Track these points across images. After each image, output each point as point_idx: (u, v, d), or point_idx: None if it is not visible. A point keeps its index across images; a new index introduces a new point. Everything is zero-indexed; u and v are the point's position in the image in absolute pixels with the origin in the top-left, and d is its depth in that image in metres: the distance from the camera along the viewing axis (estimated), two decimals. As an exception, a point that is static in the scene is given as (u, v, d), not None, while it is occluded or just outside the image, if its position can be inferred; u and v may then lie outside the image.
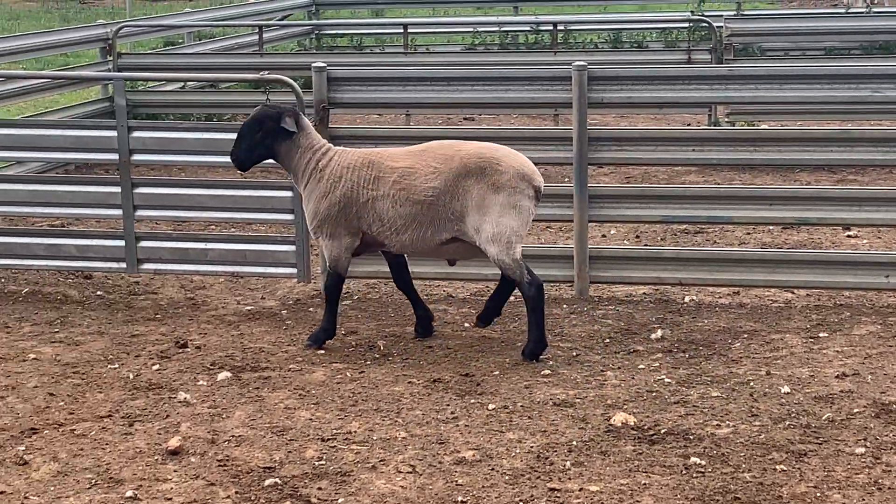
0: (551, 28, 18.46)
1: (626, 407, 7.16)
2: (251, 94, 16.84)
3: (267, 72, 13.54)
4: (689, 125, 15.62)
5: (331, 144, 8.48)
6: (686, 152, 9.43)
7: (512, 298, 8.68)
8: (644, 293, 9.54)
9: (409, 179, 8.14)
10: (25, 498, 6.12)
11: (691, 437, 6.72)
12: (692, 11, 19.43)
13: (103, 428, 6.98)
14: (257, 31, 18.55)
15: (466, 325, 8.78)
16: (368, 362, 8.08)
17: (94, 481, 6.30)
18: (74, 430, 6.96)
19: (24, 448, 6.70)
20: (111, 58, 16.22)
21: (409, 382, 7.65)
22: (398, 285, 8.70)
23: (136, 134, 9.80)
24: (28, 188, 10.24)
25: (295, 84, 9.42)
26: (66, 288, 9.97)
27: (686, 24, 18.18)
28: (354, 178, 8.21)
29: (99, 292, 9.84)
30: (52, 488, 6.23)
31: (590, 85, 9.27)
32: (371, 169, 8.21)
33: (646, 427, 6.87)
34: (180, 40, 20.20)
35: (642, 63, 15.85)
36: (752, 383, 7.54)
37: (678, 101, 9.73)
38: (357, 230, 8.27)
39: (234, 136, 9.49)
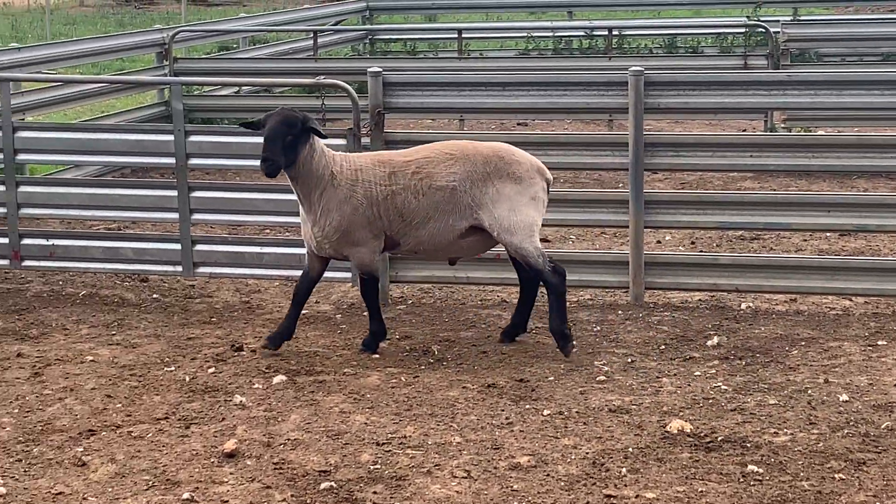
0: (605, 33, 18.42)
1: (682, 414, 7.12)
2: (305, 99, 16.89)
3: (323, 76, 13.58)
4: (744, 131, 15.53)
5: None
6: (743, 158, 9.37)
7: (586, 298, 8.63)
8: (700, 300, 9.48)
9: (429, 167, 8.17)
10: (84, 499, 6.17)
11: (748, 445, 6.67)
12: (748, 16, 19.32)
13: (160, 430, 7.02)
14: (311, 36, 18.63)
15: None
16: (423, 367, 8.08)
17: (151, 483, 6.33)
18: (132, 431, 7.00)
19: (82, 449, 6.75)
20: (167, 62, 16.35)
21: (464, 387, 7.64)
22: (298, 294, 8.45)
23: (192, 138, 9.85)
24: (86, 191, 10.34)
25: (351, 89, 9.44)
26: (123, 291, 10.04)
27: (742, 29, 18.09)
28: (370, 178, 8.15)
29: (155, 295, 9.91)
30: (110, 489, 6.27)
31: (646, 90, 9.23)
32: (384, 166, 8.19)
33: (702, 434, 6.82)
34: (235, 45, 20.31)
35: (698, 68, 15.78)
36: (810, 391, 7.48)
37: (736, 106, 9.68)
38: (380, 231, 8.20)
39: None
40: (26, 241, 10.31)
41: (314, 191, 8.12)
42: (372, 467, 6.47)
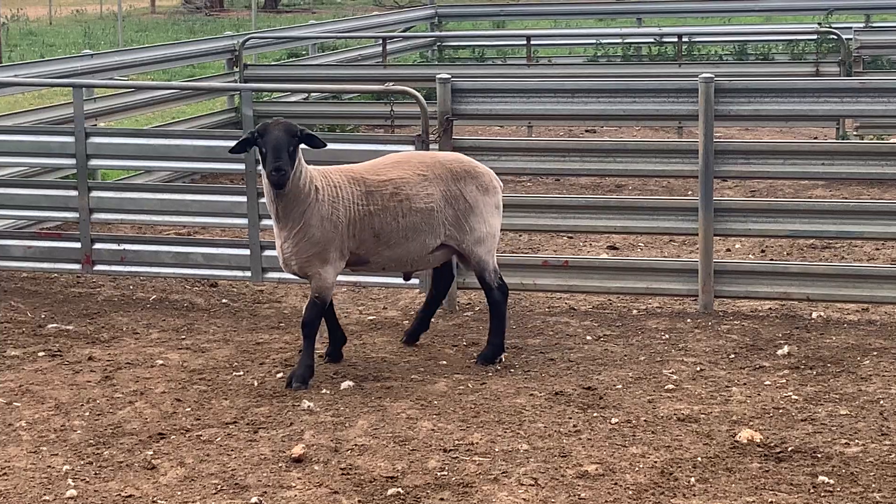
0: (675, 40, 18.33)
1: (752, 423, 7.05)
2: (374, 105, 16.97)
3: (392, 83, 13.62)
4: (815, 139, 15.38)
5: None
6: (815, 166, 9.28)
7: (655, 306, 8.57)
8: (770, 308, 9.40)
9: (407, 189, 8.10)
10: (153, 502, 6.21)
11: (819, 456, 6.60)
12: (820, 23, 19.15)
13: (229, 434, 7.06)
14: (380, 42, 18.69)
15: (588, 337, 8.73)
16: (490, 374, 8.06)
17: (219, 487, 6.37)
18: (201, 435, 7.05)
19: (152, 452, 6.81)
20: (237, 69, 16.47)
21: (531, 395, 7.61)
22: (325, 313, 8.17)
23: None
24: (156, 197, 10.42)
25: (419, 95, 9.45)
26: (193, 296, 10.12)
27: (814, 36, 17.93)
28: (347, 195, 7.98)
29: (224, 300, 9.97)
30: (179, 493, 6.31)
31: (717, 97, 9.17)
32: (358, 185, 8.03)
33: (772, 444, 6.76)
34: (304, 52, 20.42)
35: (769, 75, 15.67)
36: (882, 401, 7.38)
37: (807, 114, 9.59)
38: (347, 251, 8.03)
39: (359, 146, 9.61)
40: (98, 245, 10.42)
41: (299, 206, 7.83)
42: (439, 474, 6.47)
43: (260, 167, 7.93)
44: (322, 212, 7.86)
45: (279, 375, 8.05)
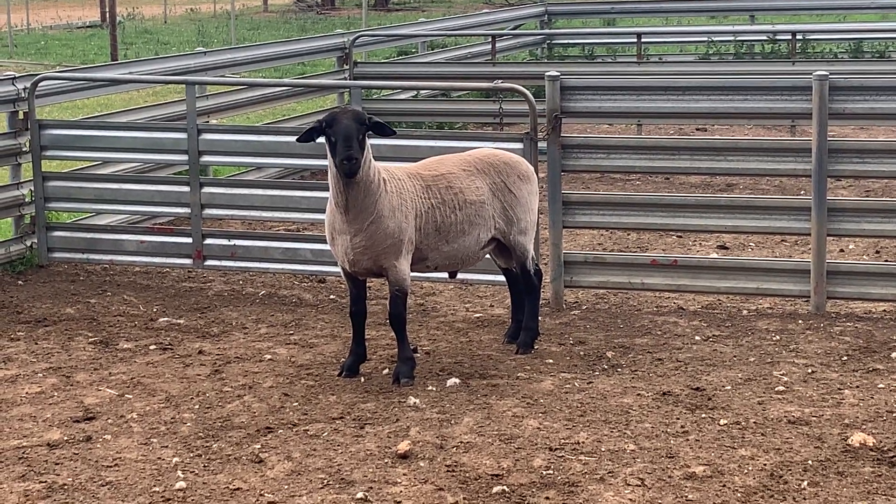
0: (789, 37, 18.07)
1: (864, 427, 6.92)
2: (482, 103, 16.96)
3: (500, 80, 13.59)
4: (933, 137, 15.06)
5: None
6: (932, 165, 9.09)
7: (766, 307, 8.45)
8: (884, 310, 9.21)
9: (459, 182, 8.16)
10: (261, 495, 6.26)
11: (934, 462, 6.46)
12: (938, 20, 18.77)
13: (335, 429, 7.10)
14: (490, 40, 18.68)
15: (697, 338, 8.63)
16: (597, 373, 8.01)
17: (325, 481, 6.40)
18: (307, 430, 7.09)
19: (259, 446, 6.86)
20: (347, 66, 16.56)
21: (638, 394, 7.55)
22: (357, 322, 8.13)
23: (371, 141, 9.92)
24: (266, 193, 10.53)
25: (528, 93, 9.42)
26: (301, 291, 10.19)
27: (932, 33, 17.59)
28: (410, 188, 7.99)
29: (332, 296, 10.03)
30: (286, 487, 6.35)
31: (831, 95, 9.01)
32: (416, 179, 8.05)
33: (886, 448, 6.62)
34: (414, 49, 20.49)
35: (885, 73, 15.35)
36: None
37: (924, 112, 9.38)
38: (413, 245, 8.00)
39: (466, 144, 9.59)
40: (209, 241, 10.57)
41: (370, 196, 7.71)
42: (544, 472, 6.43)
43: (327, 158, 7.82)
44: (393, 202, 7.83)
45: (385, 371, 8.08)
